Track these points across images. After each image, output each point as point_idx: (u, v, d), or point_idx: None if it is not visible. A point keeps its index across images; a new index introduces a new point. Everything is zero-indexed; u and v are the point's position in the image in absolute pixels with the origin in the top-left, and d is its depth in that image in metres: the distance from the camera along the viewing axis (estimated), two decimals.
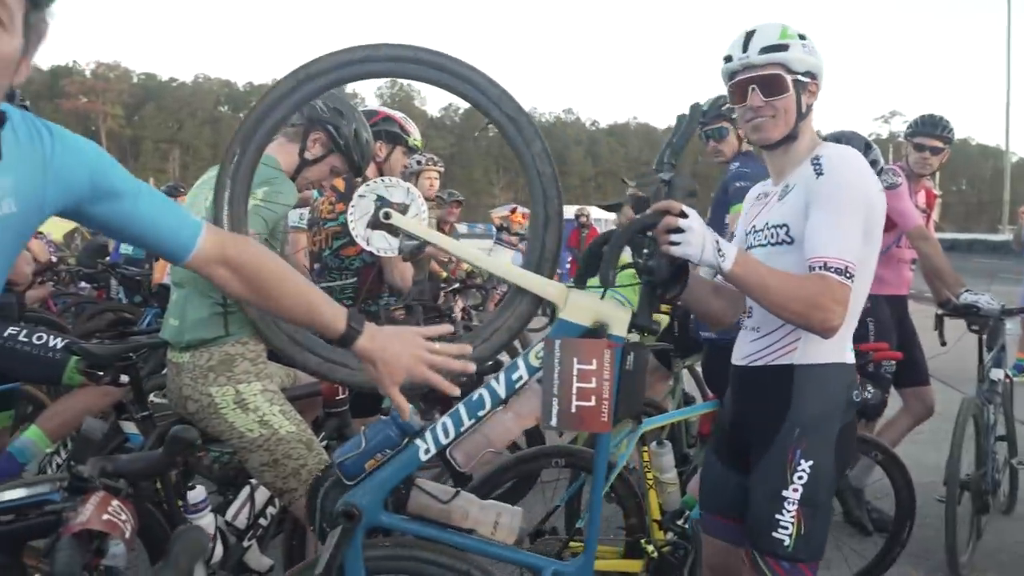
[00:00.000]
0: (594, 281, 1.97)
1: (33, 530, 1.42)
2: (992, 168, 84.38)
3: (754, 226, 2.32)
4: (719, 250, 1.93)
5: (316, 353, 2.19)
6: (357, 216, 1.99)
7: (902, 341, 4.34)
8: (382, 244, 2.01)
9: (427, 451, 1.94)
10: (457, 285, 5.84)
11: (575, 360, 1.88)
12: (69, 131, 1.44)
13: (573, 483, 3.37)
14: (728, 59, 2.26)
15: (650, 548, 3.20)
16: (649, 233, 1.96)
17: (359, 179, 3.32)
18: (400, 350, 1.71)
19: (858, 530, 4.18)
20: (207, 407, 2.57)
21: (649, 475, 3.34)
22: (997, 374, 4.27)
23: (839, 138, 3.62)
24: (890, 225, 4.34)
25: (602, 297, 1.96)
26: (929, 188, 4.68)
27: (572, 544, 3.17)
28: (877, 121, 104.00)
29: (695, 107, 2.13)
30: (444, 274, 6.58)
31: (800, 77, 2.20)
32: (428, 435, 1.95)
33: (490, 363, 2.63)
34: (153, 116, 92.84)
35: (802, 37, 2.22)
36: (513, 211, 12.38)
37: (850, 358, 2.22)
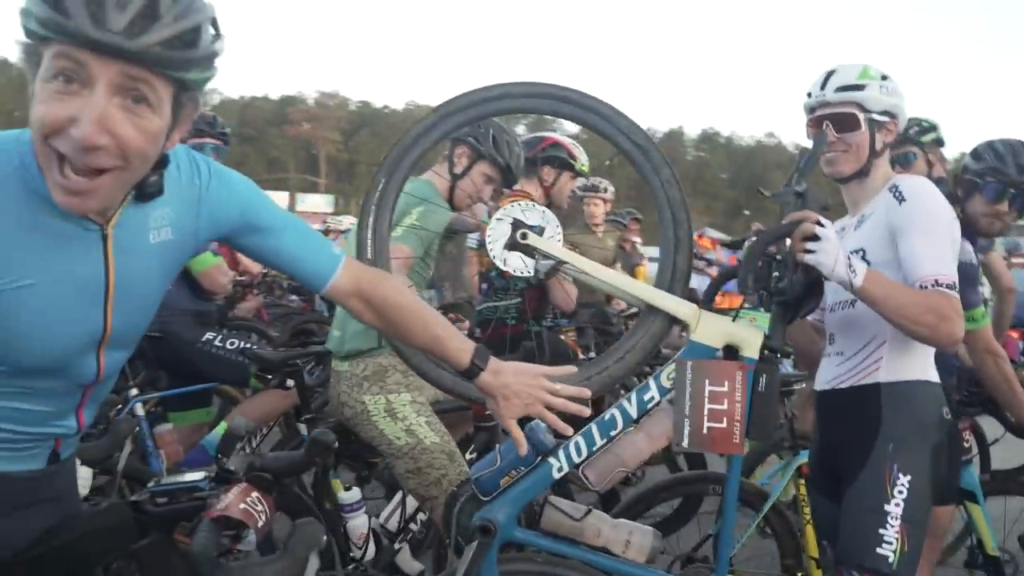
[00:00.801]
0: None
1: (182, 513, 1.59)
2: None
3: None
4: (850, 265, 1.99)
5: (449, 371, 2.29)
6: (495, 238, 2.06)
7: None
8: (518, 265, 2.06)
9: (560, 469, 1.98)
10: (634, 310, 5.83)
11: (707, 381, 1.90)
12: (229, 169, 1.60)
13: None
14: (809, 95, 2.39)
15: None
16: (779, 257, 1.98)
17: (514, 190, 3.43)
18: (520, 388, 1.75)
19: None
20: (360, 414, 2.77)
21: (806, 510, 3.22)
22: None
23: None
24: None
25: (734, 319, 1.96)
26: None
27: None
28: None
29: (821, 134, 2.25)
30: None
31: (875, 116, 2.32)
32: (561, 453, 1.98)
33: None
34: (367, 141, 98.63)
35: (884, 78, 2.33)
36: (700, 236, 12.17)
37: (935, 376, 2.25)
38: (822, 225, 1.97)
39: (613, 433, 1.99)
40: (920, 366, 2.24)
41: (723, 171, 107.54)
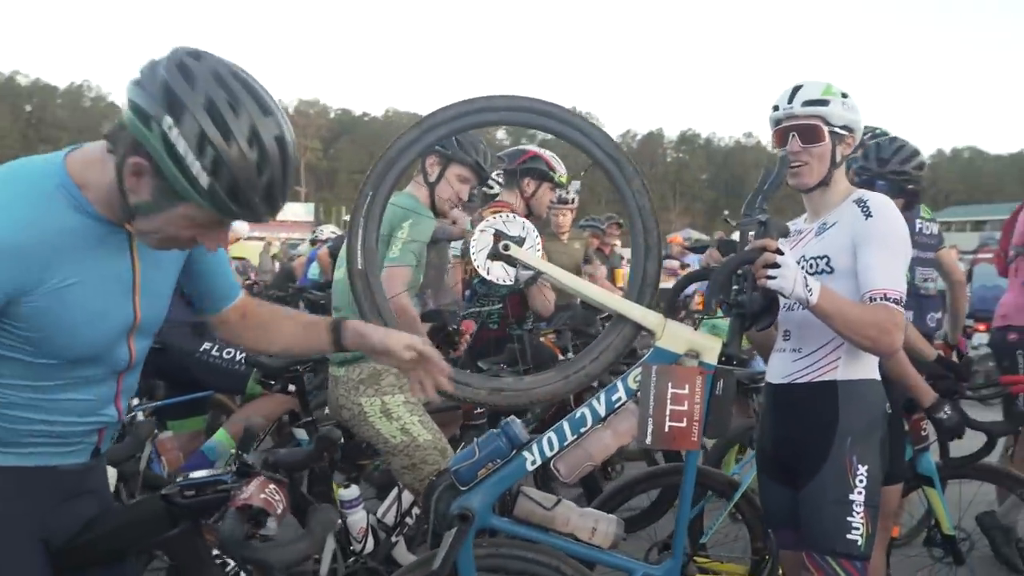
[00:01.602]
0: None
1: (209, 504, 1.78)
2: None
3: None
4: (807, 286, 2.16)
5: None
6: (478, 248, 2.18)
7: None
8: (500, 274, 2.18)
9: (533, 462, 2.15)
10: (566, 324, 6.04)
11: (670, 384, 2.09)
12: None
13: (698, 502, 3.51)
14: (775, 108, 2.52)
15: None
16: (739, 271, 2.17)
17: (497, 202, 3.58)
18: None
19: (1009, 568, 4.04)
20: (358, 415, 2.97)
21: None
22: None
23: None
24: None
25: (696, 328, 2.16)
26: None
27: (696, 559, 3.31)
28: None
29: (784, 158, 2.41)
30: None
31: (837, 130, 2.46)
32: (535, 447, 2.15)
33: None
34: (348, 149, 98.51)
35: (844, 95, 2.48)
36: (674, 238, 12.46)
37: (878, 376, 2.45)
38: (782, 253, 2.14)
39: (583, 430, 2.15)
40: (871, 366, 2.43)
41: (702, 172, 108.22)
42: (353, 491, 3.14)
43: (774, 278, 2.12)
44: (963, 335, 5.71)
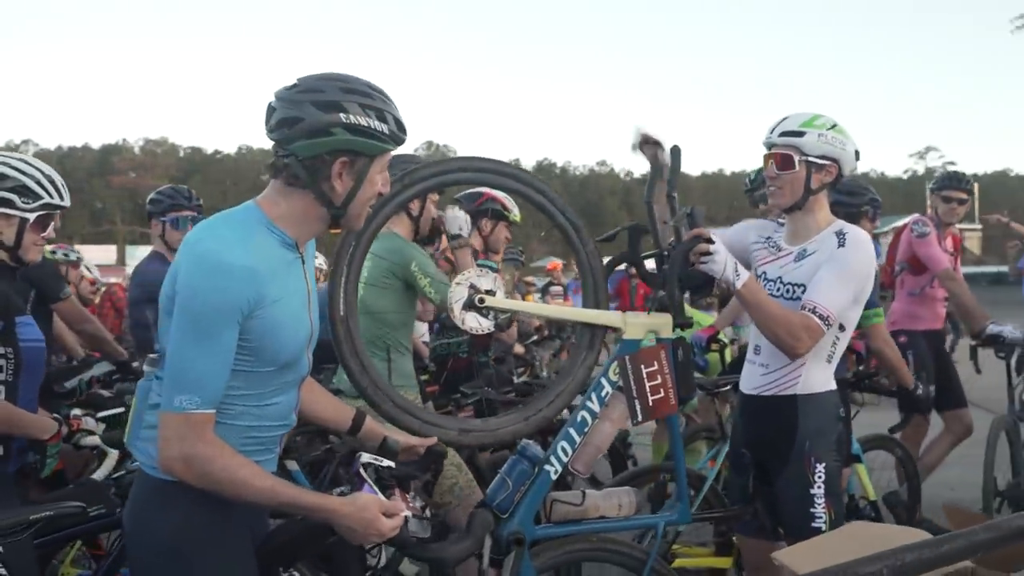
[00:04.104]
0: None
1: None
2: None
3: (765, 273, 2.87)
4: (737, 272, 2.56)
5: (416, 416, 2.43)
6: (454, 300, 2.37)
7: (939, 370, 4.94)
8: (473, 324, 2.39)
9: (556, 471, 2.45)
10: (535, 338, 6.56)
11: (643, 367, 2.45)
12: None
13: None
14: (765, 136, 2.86)
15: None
16: (666, 252, 2.57)
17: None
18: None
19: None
20: None
21: None
22: None
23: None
24: (922, 268, 4.98)
25: (648, 313, 2.57)
26: (955, 234, 5.27)
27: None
28: (912, 157, 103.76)
29: (675, 148, 2.65)
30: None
31: (813, 159, 2.75)
32: (553, 459, 2.45)
33: None
34: (199, 188, 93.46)
35: (832, 127, 2.76)
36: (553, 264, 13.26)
37: (834, 386, 2.84)
38: (713, 242, 2.50)
39: (586, 430, 2.48)
40: (827, 379, 2.79)
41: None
42: None
43: (706, 263, 2.51)
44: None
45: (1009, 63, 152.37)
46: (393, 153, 1.95)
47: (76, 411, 3.09)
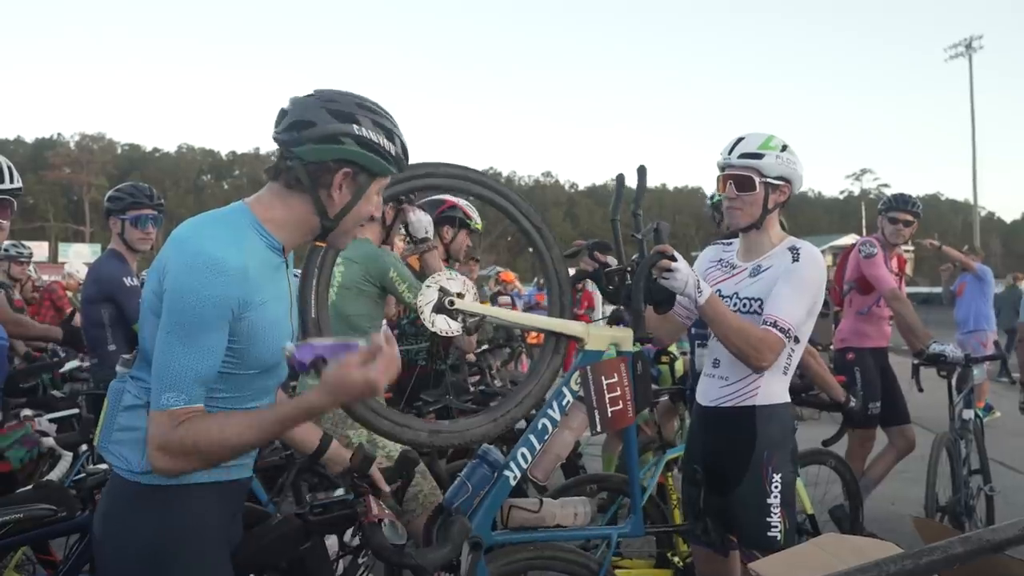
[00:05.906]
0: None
1: (336, 520, 2.06)
2: (962, 223, 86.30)
3: (720, 290, 2.89)
4: (699, 288, 2.59)
5: (386, 418, 2.44)
6: (424, 302, 2.40)
7: (885, 387, 5.08)
8: (443, 326, 2.42)
9: (515, 477, 2.47)
10: (487, 346, 6.55)
11: (603, 378, 2.49)
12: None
13: (611, 506, 3.90)
14: (721, 156, 2.89)
15: (676, 559, 3.81)
16: (629, 268, 2.61)
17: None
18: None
19: None
20: (347, 446, 3.24)
21: (673, 496, 3.97)
22: (968, 414, 4.94)
23: None
24: (869, 288, 5.11)
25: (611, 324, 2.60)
26: (900, 255, 5.42)
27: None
28: (849, 178, 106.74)
29: (641, 168, 2.74)
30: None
31: (771, 180, 2.81)
32: (512, 464, 2.47)
33: None
34: None
35: (784, 148, 2.82)
36: (502, 273, 13.23)
37: (789, 398, 2.91)
38: (675, 259, 2.53)
39: (546, 437, 2.51)
40: (783, 390, 2.84)
41: None
42: None
43: (668, 278, 2.54)
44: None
45: (943, 90, 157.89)
46: None
47: (27, 411, 3.01)
